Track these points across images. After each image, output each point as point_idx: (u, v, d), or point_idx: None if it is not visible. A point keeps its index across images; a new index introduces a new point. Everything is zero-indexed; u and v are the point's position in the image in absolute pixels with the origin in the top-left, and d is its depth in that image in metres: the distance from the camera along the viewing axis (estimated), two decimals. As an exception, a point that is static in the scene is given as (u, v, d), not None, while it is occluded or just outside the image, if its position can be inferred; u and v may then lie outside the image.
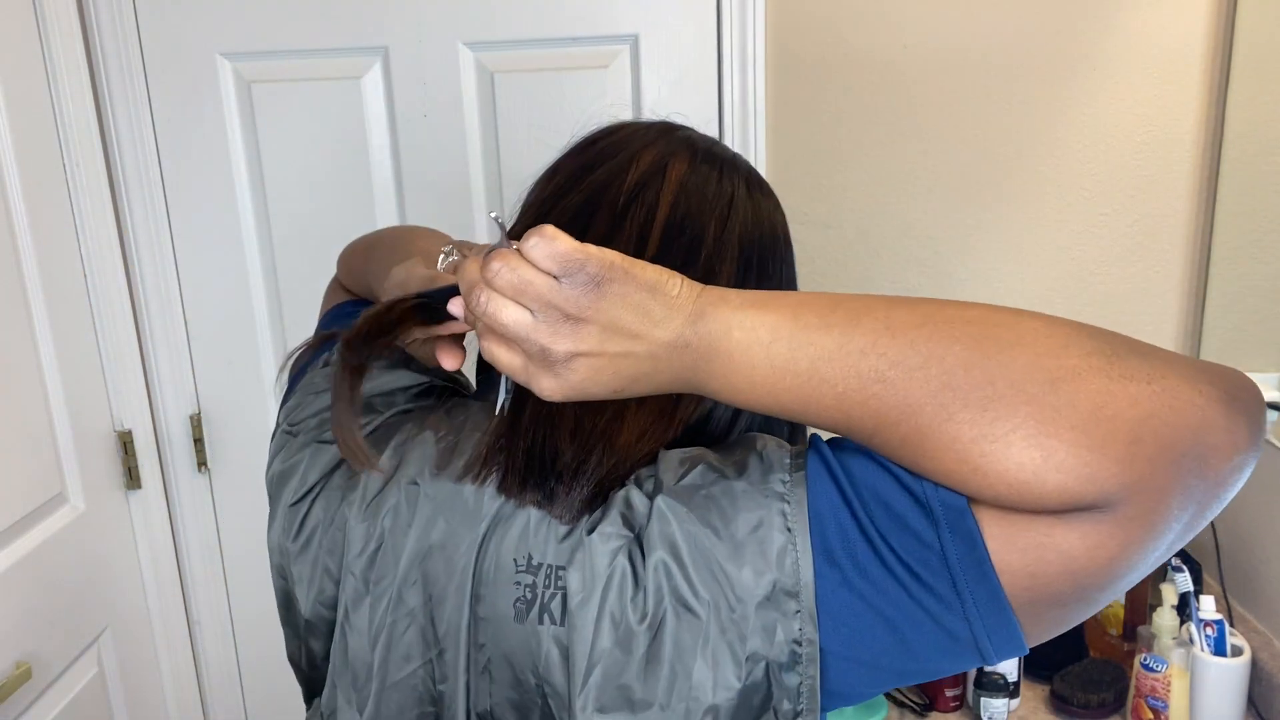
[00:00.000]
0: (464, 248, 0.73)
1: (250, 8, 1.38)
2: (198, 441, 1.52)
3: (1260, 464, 1.38)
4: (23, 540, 1.23)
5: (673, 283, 0.54)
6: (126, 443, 1.45)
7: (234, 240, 1.46)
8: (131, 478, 1.46)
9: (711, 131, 1.41)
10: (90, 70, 1.37)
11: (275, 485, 0.72)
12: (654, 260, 0.56)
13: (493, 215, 0.57)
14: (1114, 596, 0.53)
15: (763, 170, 1.41)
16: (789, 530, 0.54)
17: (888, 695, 1.32)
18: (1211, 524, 1.40)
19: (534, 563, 0.60)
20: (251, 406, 1.52)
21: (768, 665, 0.55)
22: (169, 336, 1.48)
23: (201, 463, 1.53)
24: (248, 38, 1.40)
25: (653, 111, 1.40)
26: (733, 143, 1.40)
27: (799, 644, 0.54)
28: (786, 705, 0.55)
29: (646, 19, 1.38)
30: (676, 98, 1.40)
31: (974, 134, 1.42)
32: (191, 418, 1.52)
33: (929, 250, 1.46)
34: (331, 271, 1.00)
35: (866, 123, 1.42)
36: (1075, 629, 1.42)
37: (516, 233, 0.63)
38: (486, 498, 0.62)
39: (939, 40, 1.39)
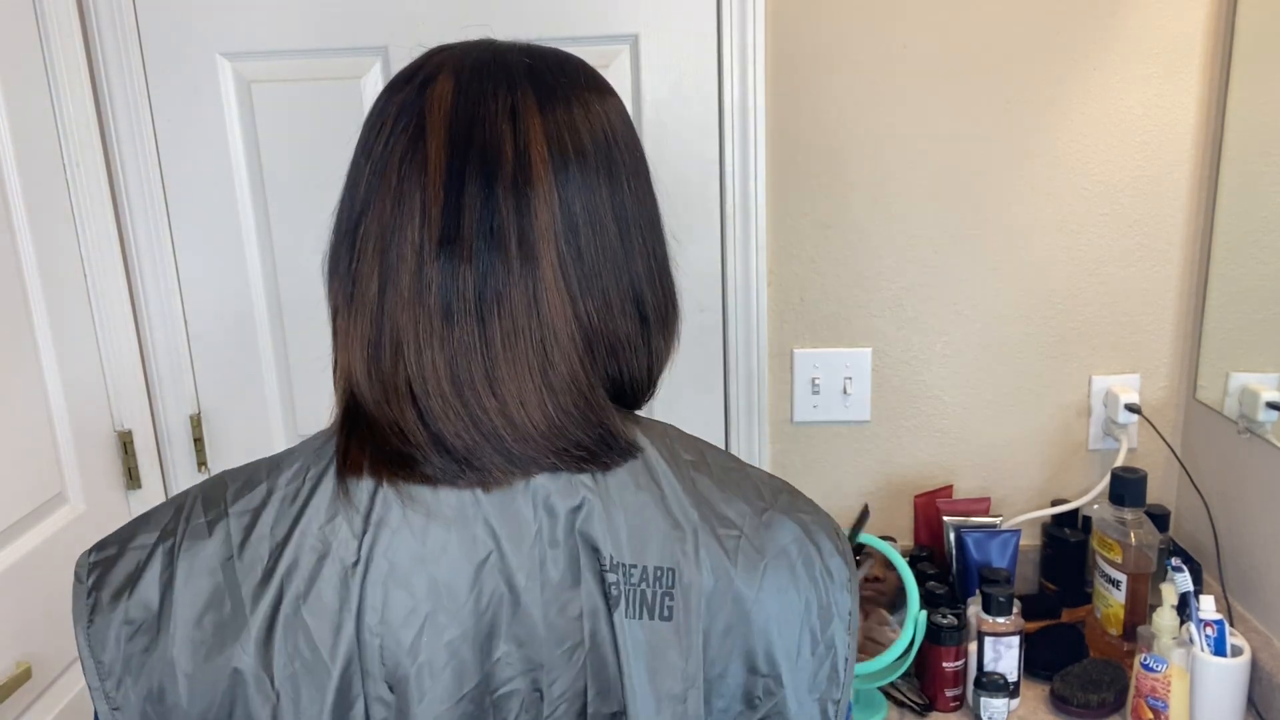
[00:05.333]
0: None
1: (250, 8, 1.38)
2: (198, 441, 1.52)
3: (1260, 464, 1.38)
4: (23, 540, 1.23)
5: None
6: (126, 443, 1.45)
7: (234, 240, 1.46)
8: (131, 478, 1.46)
9: (711, 131, 1.42)
10: (90, 70, 1.37)
11: None
12: (449, 199, 0.62)
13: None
14: None
15: (763, 170, 1.41)
16: None
17: (887, 695, 1.32)
18: (1211, 524, 1.40)
19: None
20: (251, 406, 1.52)
21: None
22: (169, 336, 1.48)
23: (201, 463, 1.53)
24: (248, 38, 1.40)
25: (654, 111, 1.40)
26: (733, 142, 1.41)
27: None
28: None
29: (646, 19, 1.38)
30: (676, 98, 1.40)
31: (974, 134, 1.42)
32: (191, 418, 1.52)
33: (929, 250, 1.46)
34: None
35: (866, 122, 1.42)
36: (1075, 629, 1.42)
37: None
38: None
39: (939, 39, 1.39)
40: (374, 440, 0.64)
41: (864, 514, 1.36)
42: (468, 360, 0.61)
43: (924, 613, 1.24)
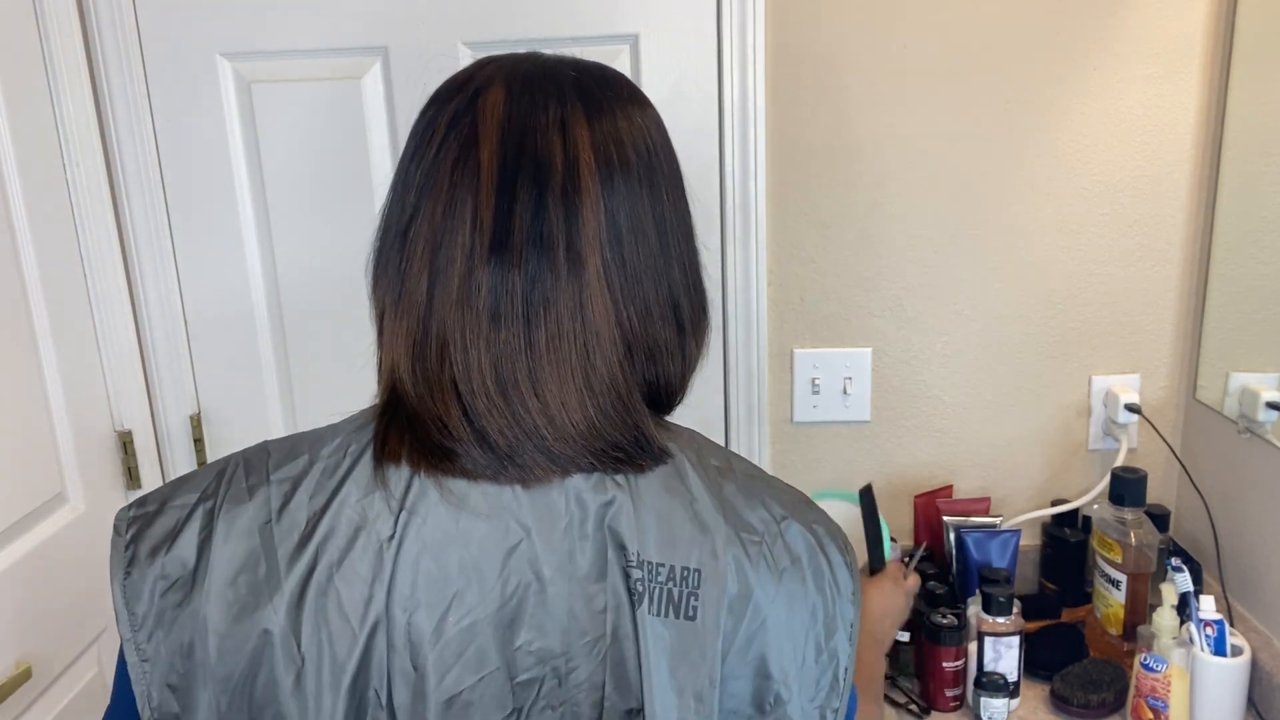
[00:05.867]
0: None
1: (250, 8, 1.38)
2: (198, 441, 1.52)
3: (1260, 464, 1.38)
4: (23, 540, 1.23)
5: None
6: (126, 443, 1.45)
7: (234, 240, 1.46)
8: (131, 478, 1.46)
9: (711, 131, 1.42)
10: (90, 70, 1.37)
11: None
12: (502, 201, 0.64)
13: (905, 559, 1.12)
14: None
15: (763, 170, 1.41)
16: None
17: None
18: (1211, 524, 1.40)
19: None
20: (251, 406, 1.52)
21: None
22: (169, 336, 1.48)
23: (201, 462, 1.53)
24: (248, 38, 1.40)
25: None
26: (733, 143, 1.41)
27: None
28: None
29: (646, 19, 1.38)
30: (676, 98, 1.40)
31: (974, 134, 1.42)
32: (191, 418, 1.52)
33: (929, 250, 1.46)
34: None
35: (867, 122, 1.42)
36: (1075, 629, 1.42)
37: None
38: None
39: (939, 39, 1.39)
40: (414, 431, 0.66)
41: (868, 494, 1.25)
42: (512, 362, 0.63)
43: (892, 540, 1.18)
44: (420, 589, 0.65)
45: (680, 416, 1.16)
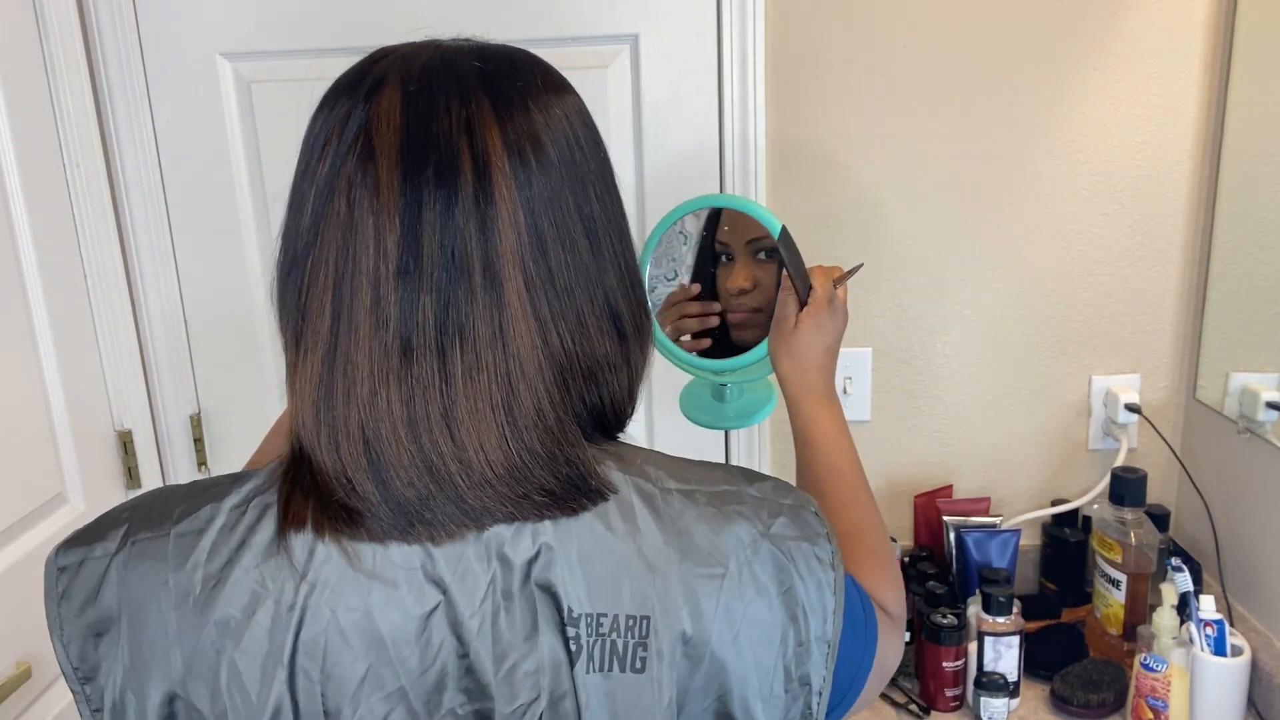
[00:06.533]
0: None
1: (250, 8, 1.38)
2: (198, 441, 1.52)
3: (1260, 464, 1.38)
4: (23, 540, 1.23)
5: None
6: (126, 443, 1.45)
7: (234, 240, 1.46)
8: (131, 478, 1.46)
9: (711, 131, 1.42)
10: (90, 70, 1.37)
11: None
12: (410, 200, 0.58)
13: (860, 265, 1.07)
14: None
15: (763, 170, 1.41)
16: None
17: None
18: (1211, 524, 1.40)
19: None
20: (251, 406, 1.52)
21: None
22: (169, 336, 1.48)
23: (201, 462, 1.53)
24: (248, 38, 1.40)
25: (654, 111, 1.40)
26: (733, 143, 1.41)
27: None
28: None
29: (646, 19, 1.38)
30: (676, 98, 1.40)
31: (974, 134, 1.42)
32: (191, 418, 1.52)
33: (929, 250, 1.46)
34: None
35: (866, 122, 1.42)
36: (1075, 629, 1.42)
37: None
38: None
39: (939, 40, 1.39)
40: (318, 492, 0.60)
41: (785, 234, 1.02)
42: (425, 399, 0.58)
43: (781, 225, 1.02)
44: (331, 664, 0.60)
45: (681, 416, 1.15)
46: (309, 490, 0.61)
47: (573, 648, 0.59)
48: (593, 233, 0.63)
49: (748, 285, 1.06)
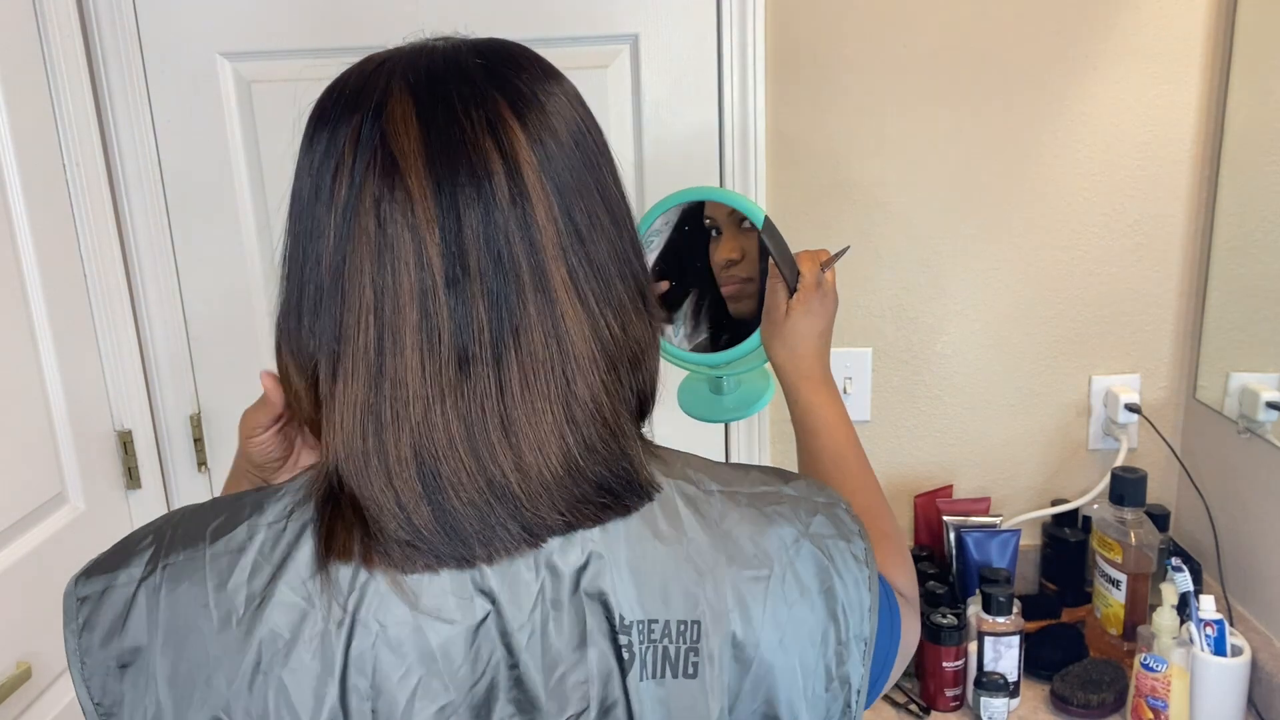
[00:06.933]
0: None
1: (250, 8, 1.38)
2: (198, 441, 1.52)
3: (1260, 464, 1.38)
4: (23, 540, 1.23)
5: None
6: (126, 443, 1.45)
7: (234, 240, 1.46)
8: (131, 478, 1.46)
9: (711, 131, 1.42)
10: (90, 70, 1.37)
11: None
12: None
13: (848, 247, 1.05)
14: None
15: (763, 170, 1.41)
16: None
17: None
18: (1211, 524, 1.40)
19: None
20: (251, 406, 1.52)
21: None
22: (169, 336, 1.48)
23: (201, 462, 1.53)
24: (248, 38, 1.40)
25: (654, 111, 1.40)
26: (733, 143, 1.41)
27: None
28: None
29: (646, 19, 1.38)
30: (676, 98, 1.40)
31: (974, 134, 1.42)
32: (191, 418, 1.52)
33: (929, 250, 1.46)
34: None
35: (866, 122, 1.42)
36: (1075, 629, 1.42)
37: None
38: None
39: (939, 40, 1.39)
40: (364, 526, 0.58)
41: (769, 225, 1.04)
42: (483, 410, 0.56)
43: (763, 214, 1.01)
44: (382, 678, 0.58)
45: (682, 415, 1.15)
46: (352, 524, 0.58)
47: (625, 656, 0.59)
48: (614, 212, 0.62)
49: (736, 256, 1.04)
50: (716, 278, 1.07)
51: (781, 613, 0.61)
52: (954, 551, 1.45)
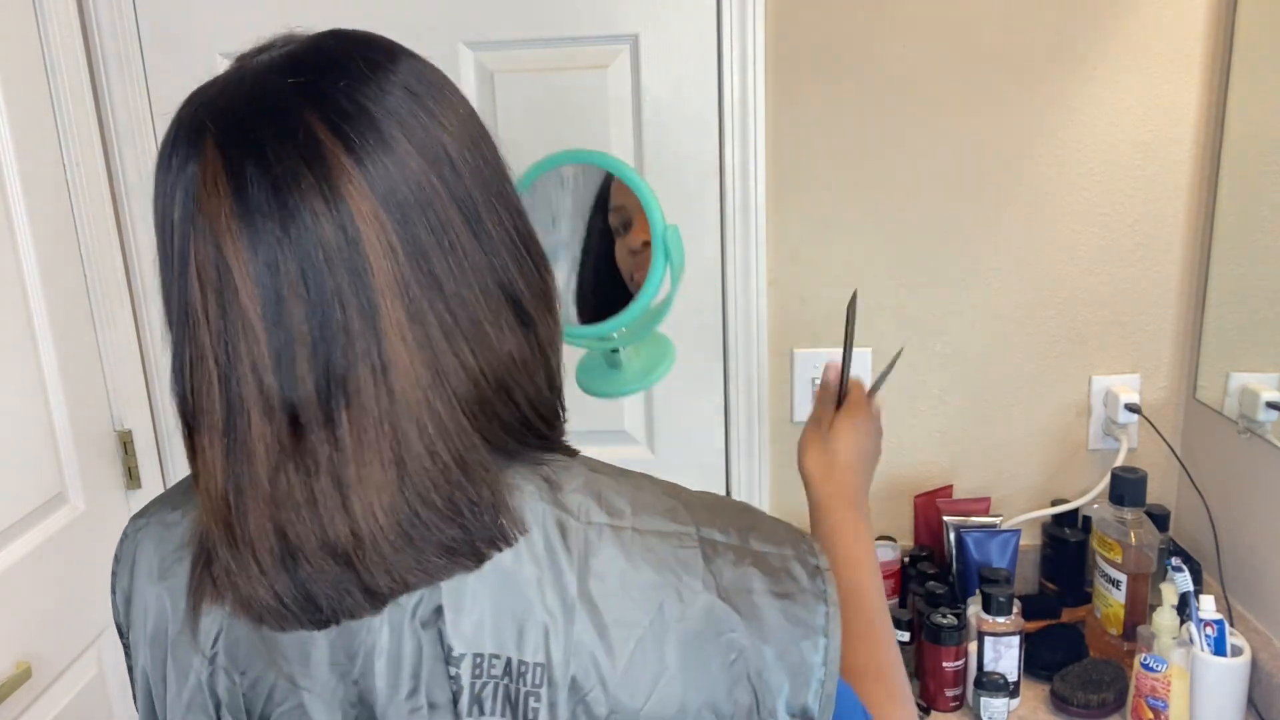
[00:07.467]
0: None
1: (250, 7, 1.38)
2: (198, 441, 1.52)
3: (1260, 464, 1.38)
4: (23, 540, 1.23)
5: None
6: (126, 443, 1.45)
7: (234, 240, 1.46)
8: (131, 478, 1.46)
9: (711, 131, 1.42)
10: (90, 70, 1.37)
11: None
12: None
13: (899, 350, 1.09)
14: None
15: (763, 170, 1.41)
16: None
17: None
18: (1211, 524, 1.40)
19: None
20: (251, 406, 1.52)
21: None
22: (169, 336, 1.48)
23: (201, 463, 1.53)
24: (248, 38, 1.39)
25: (654, 111, 1.40)
26: (732, 143, 1.40)
27: None
28: None
29: (646, 19, 1.38)
30: (676, 98, 1.40)
31: (974, 134, 1.42)
32: (191, 418, 1.51)
33: (929, 250, 1.46)
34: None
35: (866, 123, 1.42)
36: (1075, 629, 1.42)
37: None
38: None
39: (939, 40, 1.39)
40: (235, 590, 0.56)
41: (853, 305, 1.06)
42: (320, 472, 0.53)
43: (674, 227, 0.94)
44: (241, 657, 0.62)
45: (682, 416, 1.15)
46: (225, 589, 0.57)
47: (454, 689, 0.56)
48: (471, 214, 0.55)
49: (646, 236, 0.93)
50: (625, 267, 0.99)
51: (650, 669, 0.55)
52: (954, 551, 1.45)
